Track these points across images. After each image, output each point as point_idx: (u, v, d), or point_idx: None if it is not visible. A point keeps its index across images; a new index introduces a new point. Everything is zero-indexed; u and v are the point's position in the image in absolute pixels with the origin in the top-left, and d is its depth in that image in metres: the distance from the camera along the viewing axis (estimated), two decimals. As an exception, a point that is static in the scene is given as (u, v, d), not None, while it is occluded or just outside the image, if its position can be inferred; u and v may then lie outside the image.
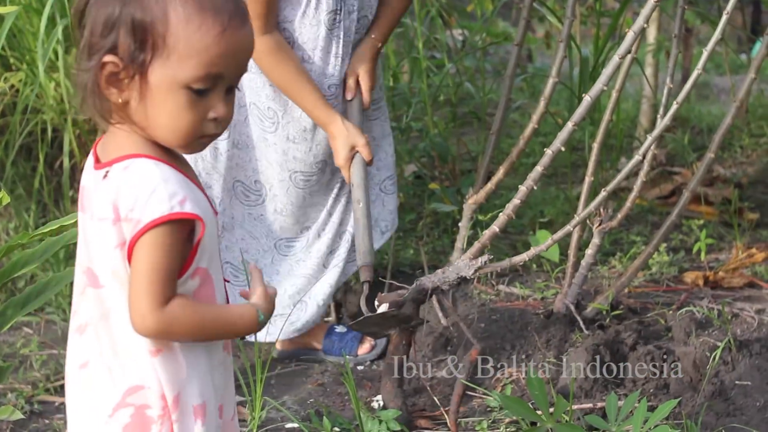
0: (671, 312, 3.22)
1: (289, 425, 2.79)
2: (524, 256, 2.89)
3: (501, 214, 2.96)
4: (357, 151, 2.94)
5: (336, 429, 2.68)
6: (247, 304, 1.59)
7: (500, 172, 3.18)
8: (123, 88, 1.50)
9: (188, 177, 1.55)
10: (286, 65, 2.86)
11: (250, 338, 3.00)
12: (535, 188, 2.95)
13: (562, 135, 2.88)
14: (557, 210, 4.03)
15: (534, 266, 3.70)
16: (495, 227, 2.96)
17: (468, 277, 2.81)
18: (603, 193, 2.88)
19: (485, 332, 3.11)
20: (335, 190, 3.13)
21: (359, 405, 2.63)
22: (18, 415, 2.26)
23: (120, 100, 1.50)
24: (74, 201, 3.83)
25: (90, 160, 1.58)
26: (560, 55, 3.08)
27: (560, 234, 2.84)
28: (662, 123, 2.87)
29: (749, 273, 3.64)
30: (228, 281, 1.65)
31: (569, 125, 2.86)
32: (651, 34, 5.02)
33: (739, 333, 3.08)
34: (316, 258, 3.15)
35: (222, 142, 3.01)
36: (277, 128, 2.98)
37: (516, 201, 2.94)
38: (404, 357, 2.83)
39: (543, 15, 4.72)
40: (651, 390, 2.77)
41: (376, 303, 2.83)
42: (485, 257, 2.82)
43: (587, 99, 2.84)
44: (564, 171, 4.46)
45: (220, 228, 3.08)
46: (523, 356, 3.00)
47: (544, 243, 2.87)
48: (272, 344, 3.21)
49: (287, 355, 3.24)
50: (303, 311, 3.15)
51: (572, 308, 3.06)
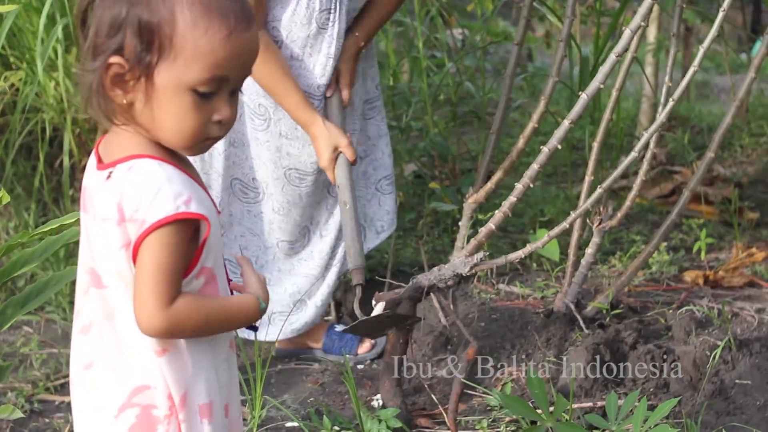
0: (671, 311, 3.22)
1: (289, 424, 2.79)
2: (520, 254, 2.89)
3: (497, 212, 2.95)
4: (340, 152, 2.92)
5: (336, 428, 2.68)
6: (247, 294, 1.60)
7: (500, 172, 3.17)
8: (128, 90, 1.49)
9: (192, 177, 1.55)
10: (272, 65, 2.84)
11: (250, 336, 3.00)
12: (535, 187, 2.95)
13: (559, 133, 2.88)
14: (557, 209, 4.03)
15: (534, 265, 3.70)
16: (491, 225, 2.95)
17: (464, 275, 2.82)
18: (599, 190, 2.87)
19: (485, 331, 3.11)
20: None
21: (359, 404, 2.63)
22: (18, 414, 2.26)
23: (124, 101, 1.50)
24: (74, 200, 3.83)
25: (92, 161, 1.57)
26: (560, 55, 3.08)
27: (556, 231, 2.84)
28: (659, 120, 2.87)
29: (749, 272, 3.64)
30: (231, 280, 1.65)
31: (565, 123, 2.86)
32: (651, 34, 5.01)
33: (739, 332, 3.08)
34: (319, 259, 3.14)
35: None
36: (269, 125, 2.97)
37: (512, 199, 2.94)
38: (402, 356, 2.83)
39: (543, 14, 4.72)
40: (651, 389, 2.77)
41: (374, 302, 2.83)
42: (481, 254, 2.82)
43: (584, 97, 2.84)
44: (564, 170, 4.46)
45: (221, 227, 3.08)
46: (523, 355, 3.00)
47: (540, 240, 2.87)
48: (272, 343, 3.21)
49: (286, 354, 3.24)
50: (302, 311, 3.15)
51: (572, 307, 3.06)
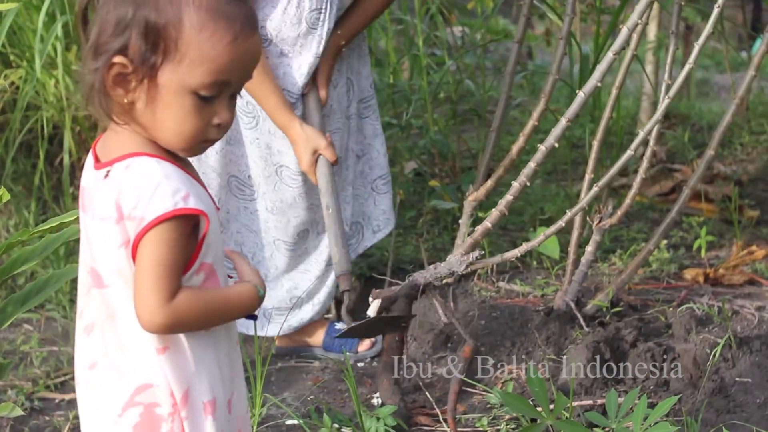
0: (671, 309, 3.22)
1: (289, 422, 2.79)
2: (516, 252, 2.90)
3: (494, 210, 2.96)
4: (320, 154, 2.91)
5: (336, 426, 2.68)
6: (244, 283, 1.60)
7: (500, 170, 3.18)
8: (129, 89, 1.50)
9: (190, 174, 1.55)
10: None
11: (249, 331, 3.00)
12: (535, 185, 2.95)
13: (556, 131, 2.89)
14: (557, 207, 4.02)
15: (534, 263, 3.70)
16: (488, 223, 2.96)
17: (459, 273, 2.82)
18: (595, 188, 2.88)
19: (485, 329, 3.11)
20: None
21: (359, 402, 2.63)
22: (18, 412, 2.26)
23: (125, 101, 1.50)
24: (75, 198, 3.83)
25: (89, 160, 1.57)
26: (560, 53, 3.08)
27: (552, 229, 2.85)
28: (654, 118, 2.87)
29: (749, 270, 3.64)
30: (231, 277, 1.65)
31: (563, 122, 2.87)
32: (652, 31, 5.01)
33: (739, 330, 3.08)
34: (317, 257, 3.13)
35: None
36: (258, 123, 2.95)
37: (509, 197, 2.94)
38: (399, 354, 2.84)
39: (543, 12, 4.72)
40: (651, 387, 2.78)
41: (370, 299, 2.84)
42: (476, 253, 2.83)
43: (581, 95, 2.85)
44: (564, 168, 4.46)
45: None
46: (524, 353, 3.00)
47: (536, 239, 2.87)
48: (272, 341, 3.21)
49: (286, 352, 3.24)
50: (300, 309, 3.15)
51: (572, 305, 3.06)
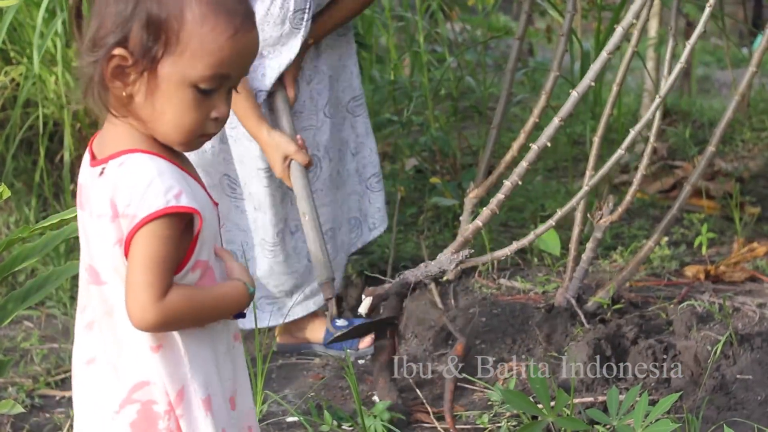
0: (672, 306, 3.21)
1: (290, 419, 2.79)
2: (506, 251, 2.92)
3: (485, 209, 2.96)
4: (292, 159, 2.88)
5: (336, 423, 2.68)
6: (234, 280, 1.59)
7: (501, 167, 3.17)
8: (128, 82, 1.49)
9: (185, 170, 1.54)
10: None
11: (249, 325, 3.00)
12: (536, 182, 2.95)
13: (549, 130, 2.89)
14: (558, 204, 4.02)
15: (535, 260, 3.70)
16: (479, 222, 2.96)
17: (449, 270, 2.84)
18: (585, 188, 2.89)
19: (486, 326, 3.11)
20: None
21: (360, 399, 2.63)
22: (19, 409, 2.26)
23: (124, 94, 1.50)
24: (75, 195, 3.83)
25: (86, 158, 1.57)
26: (561, 49, 3.08)
27: (543, 229, 2.87)
28: (645, 117, 2.89)
29: (750, 267, 3.64)
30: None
31: (555, 121, 2.87)
32: (653, 28, 5.01)
33: (741, 327, 3.08)
34: (297, 256, 3.11)
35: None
36: (237, 124, 2.93)
37: (500, 196, 2.94)
38: (390, 352, 2.85)
39: (544, 9, 4.71)
40: (652, 384, 2.77)
41: (363, 296, 2.85)
42: (466, 251, 2.84)
43: (574, 95, 2.85)
44: (565, 165, 4.45)
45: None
46: (524, 350, 3.00)
47: (525, 238, 2.89)
48: (273, 338, 3.21)
49: (287, 349, 3.24)
50: (288, 306, 3.14)
51: (573, 302, 3.06)
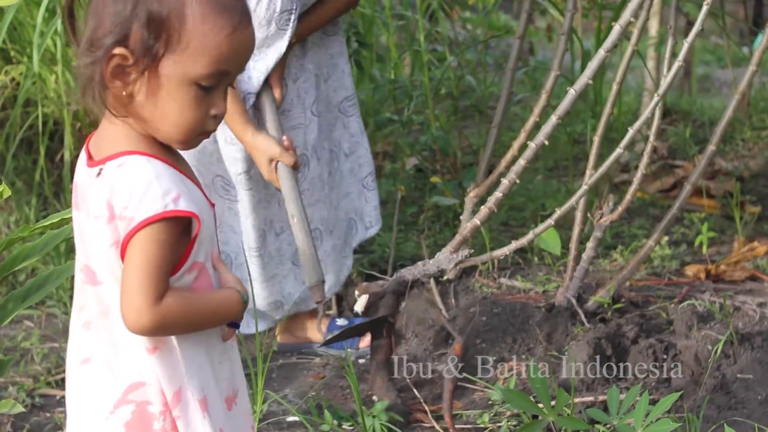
0: (673, 305, 3.21)
1: (291, 418, 2.79)
2: (504, 251, 2.92)
3: (482, 207, 2.96)
4: (278, 161, 2.84)
5: (337, 422, 2.68)
6: (228, 289, 1.58)
7: (502, 166, 3.17)
8: (128, 82, 1.49)
9: (183, 172, 1.54)
10: None
11: (246, 330, 3.00)
12: (536, 181, 2.95)
13: (546, 129, 2.89)
14: (559, 203, 4.02)
15: (535, 259, 3.70)
16: (476, 220, 2.96)
17: (448, 270, 2.84)
18: (584, 187, 2.89)
19: (486, 325, 3.11)
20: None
21: (360, 398, 2.63)
22: (19, 409, 2.26)
23: (124, 93, 1.49)
24: (75, 194, 3.82)
25: (83, 158, 1.57)
26: (562, 48, 3.08)
27: (542, 228, 2.88)
28: (644, 115, 2.88)
29: (751, 266, 3.64)
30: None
31: (553, 119, 2.87)
32: (653, 27, 5.00)
33: (741, 326, 3.08)
34: (279, 258, 3.09)
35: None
36: (222, 126, 2.89)
37: (498, 194, 2.94)
38: (387, 352, 2.86)
39: (545, 8, 4.71)
40: (652, 383, 2.77)
41: (357, 293, 2.84)
42: (466, 251, 2.84)
43: (571, 92, 2.85)
44: (565, 164, 4.45)
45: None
46: (525, 349, 3.00)
47: (525, 238, 2.90)
48: (273, 338, 3.21)
49: (287, 349, 3.24)
50: (280, 309, 3.13)
51: (574, 301, 3.06)
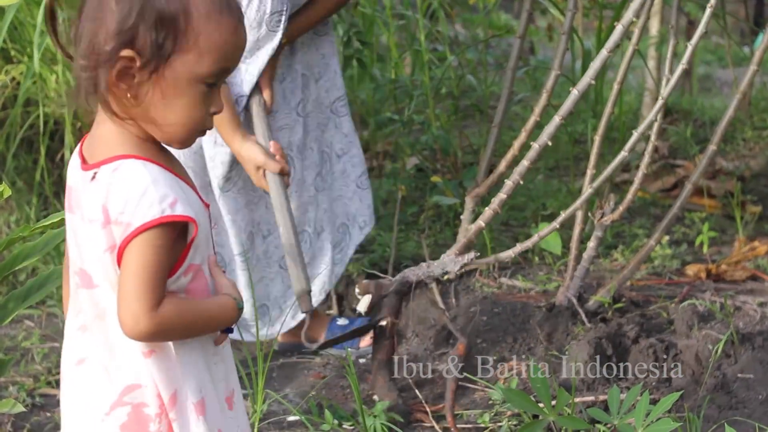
0: (673, 305, 3.21)
1: (291, 418, 2.79)
2: (509, 253, 2.93)
3: (487, 209, 2.96)
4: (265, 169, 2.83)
5: (337, 422, 2.68)
6: (224, 296, 1.58)
7: (502, 165, 3.17)
8: (133, 84, 1.48)
9: (177, 175, 1.53)
10: None
11: (238, 338, 3.00)
12: (537, 181, 2.96)
13: (549, 129, 2.89)
14: (559, 203, 4.02)
15: (536, 259, 3.70)
16: (481, 222, 2.96)
17: (453, 272, 2.84)
18: (589, 190, 2.88)
19: (487, 325, 3.11)
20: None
21: (361, 398, 2.62)
22: (19, 408, 2.26)
23: (129, 96, 1.48)
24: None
25: (75, 160, 1.56)
26: (562, 48, 3.07)
27: (547, 230, 2.89)
28: (648, 118, 2.88)
29: (752, 266, 3.64)
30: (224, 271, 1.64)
31: (556, 119, 2.87)
32: (654, 27, 5.00)
33: (742, 326, 3.08)
34: (266, 260, 3.09)
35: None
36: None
37: (502, 195, 2.94)
38: (389, 352, 2.86)
39: (545, 7, 4.71)
40: (653, 383, 2.77)
41: (357, 291, 2.84)
42: (471, 254, 2.84)
43: (574, 93, 2.85)
44: (566, 164, 4.45)
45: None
46: (525, 349, 3.00)
47: (530, 240, 2.90)
48: (273, 338, 3.21)
49: (288, 348, 3.24)
50: (268, 316, 3.13)
51: (574, 301, 3.06)
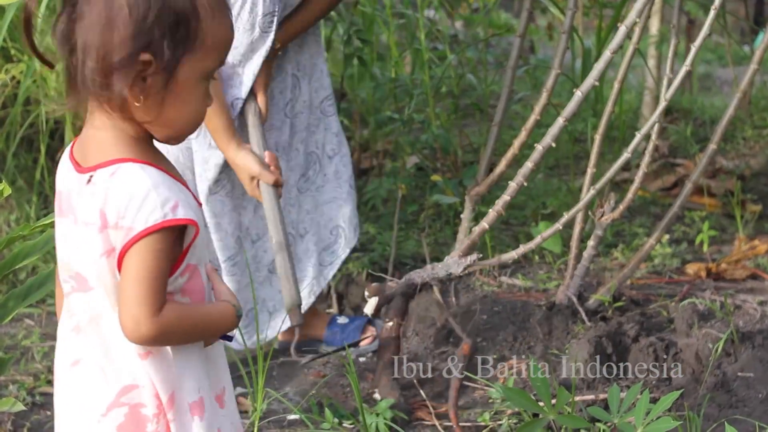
0: (674, 304, 3.21)
1: (291, 417, 2.79)
2: (513, 254, 2.93)
3: (491, 211, 2.96)
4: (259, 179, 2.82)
5: (337, 420, 2.68)
6: (223, 302, 1.58)
7: (502, 164, 3.17)
8: (144, 86, 1.47)
9: (171, 175, 1.53)
10: None
11: (237, 346, 3.00)
12: (537, 179, 2.96)
13: (553, 130, 2.89)
14: (559, 201, 4.02)
15: (536, 258, 3.70)
16: (485, 224, 2.97)
17: (457, 274, 2.85)
18: (592, 191, 2.88)
19: (487, 324, 3.11)
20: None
21: (361, 397, 2.63)
22: (19, 407, 2.26)
23: (141, 98, 1.48)
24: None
25: (66, 164, 1.55)
26: (562, 47, 3.07)
27: (551, 231, 2.88)
28: (651, 121, 2.88)
29: (752, 265, 3.64)
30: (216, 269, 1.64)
31: (560, 121, 2.87)
32: (654, 26, 5.00)
33: (742, 325, 3.08)
34: (255, 264, 3.09)
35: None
36: (199, 133, 2.88)
37: (506, 197, 2.94)
38: (396, 349, 2.87)
39: (545, 6, 4.71)
40: (653, 382, 2.77)
41: (366, 294, 2.85)
42: (474, 256, 2.84)
43: (578, 94, 2.85)
44: (566, 162, 4.45)
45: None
46: (525, 348, 3.00)
47: (534, 240, 2.91)
48: (274, 336, 3.21)
49: (289, 347, 3.23)
50: (263, 322, 3.12)
51: (574, 300, 3.06)
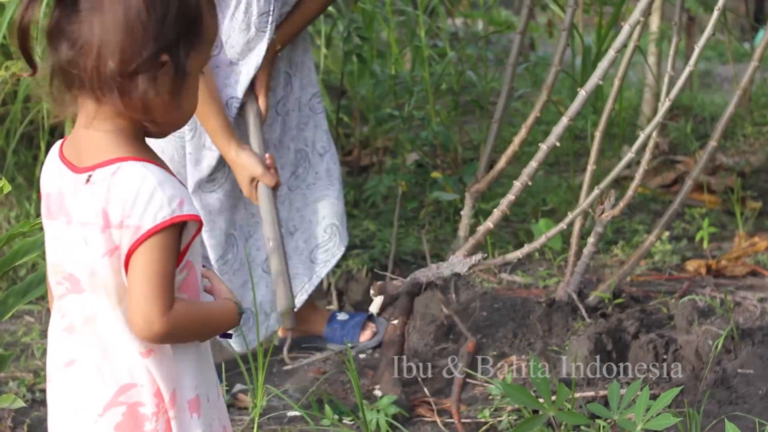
0: (674, 300, 3.21)
1: (291, 413, 2.79)
2: (517, 254, 2.94)
3: (495, 210, 2.97)
4: (258, 181, 2.81)
5: (337, 417, 2.68)
6: (225, 300, 1.59)
7: (502, 161, 3.17)
8: (155, 84, 1.47)
9: (166, 169, 1.52)
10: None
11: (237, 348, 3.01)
12: (538, 176, 2.97)
13: (558, 130, 2.89)
14: (560, 198, 4.02)
15: (536, 254, 3.70)
16: (489, 223, 2.97)
17: (462, 274, 2.86)
18: (596, 191, 2.89)
19: (487, 320, 3.11)
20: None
21: (361, 393, 2.63)
22: (19, 404, 2.26)
23: (150, 97, 1.47)
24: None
25: (55, 165, 1.54)
26: (562, 44, 3.08)
27: (555, 231, 2.88)
28: (655, 120, 2.87)
29: (752, 262, 3.64)
30: (204, 265, 1.64)
31: (564, 120, 2.87)
32: (654, 23, 5.00)
33: (742, 321, 3.08)
34: (257, 264, 3.08)
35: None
36: (194, 135, 2.86)
37: (511, 197, 2.95)
38: (400, 346, 2.87)
39: (545, 3, 4.71)
40: (653, 378, 2.78)
41: (372, 292, 2.85)
42: (479, 255, 2.85)
43: (582, 93, 2.85)
44: (566, 159, 4.45)
45: None
46: (525, 344, 3.00)
47: (537, 240, 2.92)
48: (274, 332, 3.21)
49: (292, 342, 3.23)
50: (260, 323, 3.12)
51: (574, 296, 3.06)
